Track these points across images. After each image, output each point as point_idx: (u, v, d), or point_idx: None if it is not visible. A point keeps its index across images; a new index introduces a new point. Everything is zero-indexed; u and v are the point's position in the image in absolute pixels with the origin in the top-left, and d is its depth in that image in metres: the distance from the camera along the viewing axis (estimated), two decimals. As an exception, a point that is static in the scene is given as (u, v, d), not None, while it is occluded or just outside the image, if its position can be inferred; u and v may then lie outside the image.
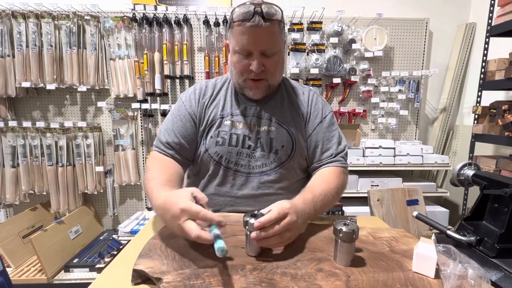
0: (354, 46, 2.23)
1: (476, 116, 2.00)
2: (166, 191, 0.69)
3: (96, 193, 2.27)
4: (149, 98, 2.25)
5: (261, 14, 0.76)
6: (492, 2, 1.89)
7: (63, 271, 1.91)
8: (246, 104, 0.92)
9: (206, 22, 2.18)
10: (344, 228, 0.58)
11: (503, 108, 1.75)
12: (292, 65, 2.22)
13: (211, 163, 0.91)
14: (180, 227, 0.58)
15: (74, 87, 2.13)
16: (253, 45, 0.80)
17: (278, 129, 0.91)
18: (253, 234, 0.60)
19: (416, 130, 2.49)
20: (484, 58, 1.95)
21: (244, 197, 0.90)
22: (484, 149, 2.11)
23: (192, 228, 0.56)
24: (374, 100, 2.35)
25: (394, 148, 2.15)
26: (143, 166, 2.37)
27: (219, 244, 0.51)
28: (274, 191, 0.91)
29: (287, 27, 2.19)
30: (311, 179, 0.89)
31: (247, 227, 0.61)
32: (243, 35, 0.79)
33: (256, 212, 0.63)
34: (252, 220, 0.60)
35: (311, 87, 1.02)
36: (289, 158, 0.91)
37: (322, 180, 0.86)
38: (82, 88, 2.12)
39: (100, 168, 2.21)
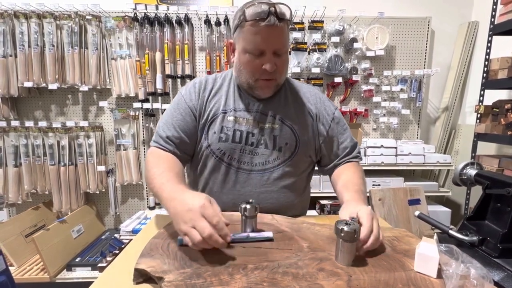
0: (355, 45, 2.22)
1: (479, 115, 1.99)
2: (183, 186, 0.72)
3: (98, 192, 2.28)
4: (150, 97, 2.25)
5: (275, 14, 0.77)
6: (495, 0, 1.88)
7: (65, 270, 1.92)
8: (249, 100, 0.92)
9: (207, 22, 2.19)
10: (345, 228, 0.58)
11: (505, 107, 1.74)
12: (294, 64, 2.22)
13: (212, 159, 0.91)
14: (194, 221, 0.58)
15: (76, 86, 2.14)
16: (267, 45, 0.80)
17: (282, 126, 0.91)
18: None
19: (418, 129, 2.48)
20: (487, 56, 1.94)
21: (247, 194, 0.90)
22: (486, 148, 2.10)
23: (206, 227, 0.57)
24: (375, 99, 2.34)
25: (395, 148, 2.14)
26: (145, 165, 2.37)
27: None
28: (277, 188, 0.91)
29: (288, 26, 2.19)
30: (347, 175, 0.93)
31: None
32: (257, 35, 0.79)
33: (250, 212, 0.63)
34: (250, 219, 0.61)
35: (313, 85, 1.03)
36: (292, 155, 0.91)
37: (353, 173, 0.93)
38: (84, 88, 2.13)
39: (102, 168, 2.22)
